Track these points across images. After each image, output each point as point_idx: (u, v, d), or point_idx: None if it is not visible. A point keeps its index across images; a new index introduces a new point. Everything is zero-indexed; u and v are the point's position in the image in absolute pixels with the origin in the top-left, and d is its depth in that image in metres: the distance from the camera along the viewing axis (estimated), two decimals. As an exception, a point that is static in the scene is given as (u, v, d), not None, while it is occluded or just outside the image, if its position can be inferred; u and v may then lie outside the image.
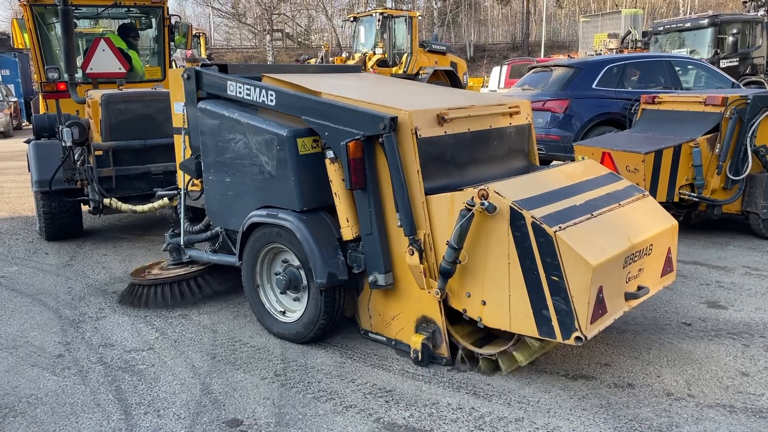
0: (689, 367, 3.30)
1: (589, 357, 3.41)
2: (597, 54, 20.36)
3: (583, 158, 5.94)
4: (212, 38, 38.18)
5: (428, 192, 3.19)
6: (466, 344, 3.28)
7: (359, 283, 3.58)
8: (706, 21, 14.15)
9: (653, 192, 5.45)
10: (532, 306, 2.88)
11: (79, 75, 6.50)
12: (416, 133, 3.17)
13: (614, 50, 20.37)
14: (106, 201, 5.36)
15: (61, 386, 3.20)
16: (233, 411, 2.94)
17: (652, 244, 3.26)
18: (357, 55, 18.77)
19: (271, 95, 3.66)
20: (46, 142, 5.83)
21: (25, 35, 6.32)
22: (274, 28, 37.19)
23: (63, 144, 5.38)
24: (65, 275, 5.03)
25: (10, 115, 19.21)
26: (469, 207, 2.95)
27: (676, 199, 5.57)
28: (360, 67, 5.42)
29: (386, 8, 22.41)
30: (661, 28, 15.56)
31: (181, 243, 4.44)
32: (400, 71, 18.39)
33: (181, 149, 4.29)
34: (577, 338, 2.78)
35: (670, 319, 3.94)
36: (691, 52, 13.89)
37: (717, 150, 5.49)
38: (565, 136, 8.53)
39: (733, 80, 9.38)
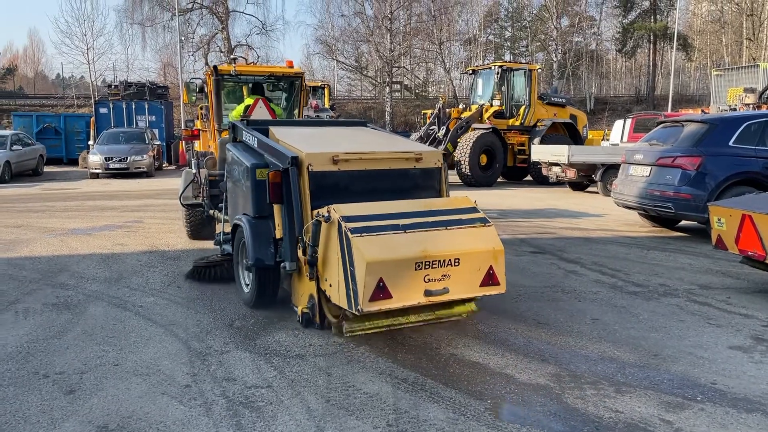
0: None
1: (729, 439, 3.11)
2: (732, 109, 19.17)
3: (720, 221, 5.55)
4: (335, 89, 40.12)
5: (315, 208, 4.44)
6: (327, 313, 4.49)
7: None
8: None
9: (802, 260, 4.97)
10: (345, 287, 4.01)
11: (225, 122, 7.86)
12: (308, 168, 4.52)
13: (751, 106, 19.09)
14: (211, 212, 7.11)
15: (188, 416, 3.38)
16: (346, 458, 2.95)
17: (459, 258, 4.13)
18: (474, 107, 18.89)
19: (254, 140, 5.24)
20: (191, 170, 7.54)
21: (191, 95, 8.38)
22: (394, 80, 38.49)
23: (193, 171, 7.33)
24: (195, 308, 5.36)
25: (153, 157, 21.00)
26: (315, 217, 4.28)
27: (829, 270, 5.03)
28: (365, 122, 6.64)
29: (505, 62, 22.44)
30: (808, 83, 14.43)
31: (220, 240, 6.11)
32: (517, 123, 18.30)
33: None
34: (358, 309, 3.89)
35: (825, 405, 3.52)
36: (843, 108, 12.72)
37: None
38: (696, 195, 8.04)
39: None
